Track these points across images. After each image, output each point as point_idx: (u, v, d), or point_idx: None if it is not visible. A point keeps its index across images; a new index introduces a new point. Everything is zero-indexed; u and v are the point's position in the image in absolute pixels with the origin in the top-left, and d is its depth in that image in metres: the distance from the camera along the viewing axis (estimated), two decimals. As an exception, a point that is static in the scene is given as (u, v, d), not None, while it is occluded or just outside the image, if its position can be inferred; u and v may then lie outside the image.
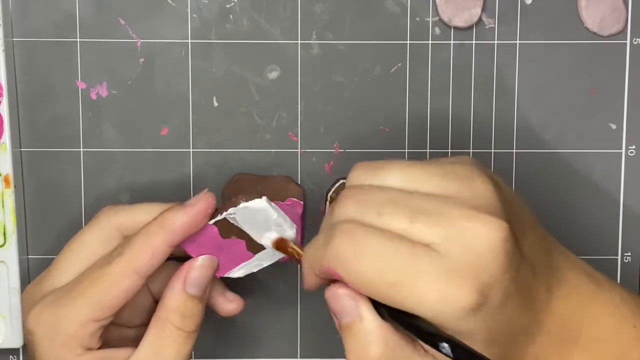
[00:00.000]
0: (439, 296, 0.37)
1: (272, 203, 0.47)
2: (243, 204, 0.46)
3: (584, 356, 0.43)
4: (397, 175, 0.40)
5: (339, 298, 0.39)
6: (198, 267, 0.47)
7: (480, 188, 0.40)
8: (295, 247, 0.46)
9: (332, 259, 0.39)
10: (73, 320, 0.45)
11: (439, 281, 0.37)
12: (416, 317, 0.38)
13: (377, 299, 0.38)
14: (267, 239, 0.47)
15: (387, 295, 0.38)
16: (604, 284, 0.45)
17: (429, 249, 0.38)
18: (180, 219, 0.45)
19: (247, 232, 0.47)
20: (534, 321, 0.41)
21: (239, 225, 0.47)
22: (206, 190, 0.46)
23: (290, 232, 0.47)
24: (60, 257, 0.49)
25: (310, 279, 0.42)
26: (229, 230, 0.47)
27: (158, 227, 0.45)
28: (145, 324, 0.50)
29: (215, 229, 0.46)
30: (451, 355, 0.36)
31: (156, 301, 0.49)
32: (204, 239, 0.46)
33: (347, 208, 0.40)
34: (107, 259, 0.46)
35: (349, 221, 0.39)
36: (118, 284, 0.45)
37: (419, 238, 0.38)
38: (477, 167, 0.41)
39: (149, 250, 0.45)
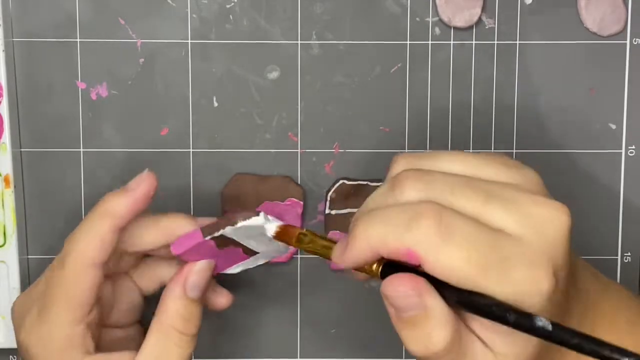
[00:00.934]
0: (524, 280, 0.36)
1: (269, 217, 0.45)
2: (241, 223, 0.45)
3: None
4: (453, 161, 0.39)
5: (403, 294, 0.37)
6: (197, 272, 0.46)
7: (532, 175, 0.40)
8: (311, 232, 0.42)
9: (418, 241, 0.36)
10: (58, 326, 0.45)
11: (523, 265, 0.36)
12: (488, 297, 0.36)
13: (457, 283, 0.37)
14: (268, 230, 0.44)
15: (472, 280, 0.36)
16: (609, 284, 0.45)
17: (505, 234, 0.37)
18: (124, 204, 0.45)
19: (245, 244, 0.46)
20: (567, 316, 0.41)
21: (236, 239, 0.46)
22: (147, 170, 0.46)
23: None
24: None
25: (365, 255, 0.38)
26: (225, 241, 0.46)
27: (102, 214, 0.45)
28: (136, 322, 0.50)
29: (212, 242, 0.46)
30: (550, 327, 0.35)
31: (144, 298, 0.49)
32: (201, 249, 0.46)
33: (411, 189, 0.38)
34: (60, 259, 0.45)
35: (430, 202, 0.37)
36: (79, 282, 0.45)
37: (493, 221, 0.37)
38: (516, 160, 0.41)
39: (97, 240, 0.44)
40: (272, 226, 0.44)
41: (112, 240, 0.45)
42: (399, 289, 0.37)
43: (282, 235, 0.44)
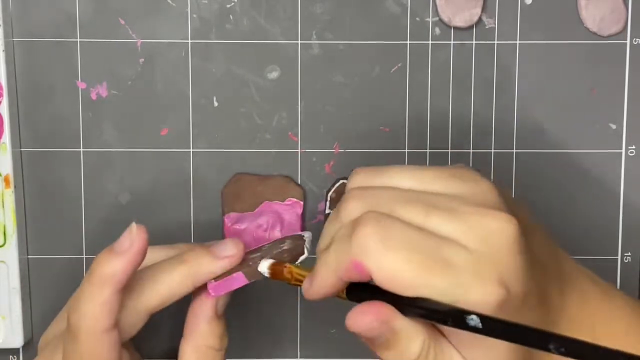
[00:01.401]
0: (472, 287, 0.36)
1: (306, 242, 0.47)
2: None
3: None
4: (402, 176, 0.40)
5: (367, 327, 0.38)
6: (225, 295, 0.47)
7: (485, 188, 0.39)
8: (294, 267, 0.44)
9: (359, 251, 0.37)
10: None
11: (469, 272, 0.36)
12: (433, 301, 0.37)
13: (403, 290, 0.37)
14: (262, 266, 0.46)
15: (417, 282, 0.36)
16: (607, 289, 0.45)
17: (449, 240, 0.37)
18: (121, 268, 0.43)
19: None
20: (549, 321, 0.41)
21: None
22: (134, 225, 0.43)
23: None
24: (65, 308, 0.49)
25: (328, 283, 0.39)
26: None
27: (101, 282, 0.43)
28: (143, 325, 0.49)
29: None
30: (480, 325, 0.36)
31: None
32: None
33: (354, 207, 0.39)
34: (71, 333, 0.44)
35: (369, 211, 0.38)
36: (99, 351, 0.44)
37: (437, 231, 0.37)
38: (478, 172, 0.41)
39: (104, 308, 0.43)
40: (265, 269, 0.46)
41: (116, 303, 0.44)
42: (362, 325, 0.38)
43: (274, 275, 0.45)
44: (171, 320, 0.52)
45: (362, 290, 0.39)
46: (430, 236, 0.37)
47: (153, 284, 0.45)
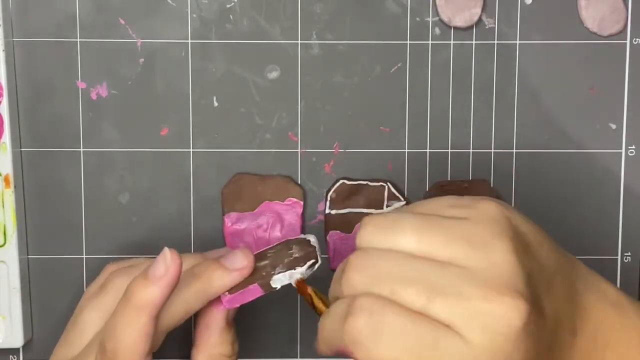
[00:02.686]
0: None
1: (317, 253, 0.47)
2: (303, 272, 0.46)
3: None
4: (410, 238, 0.38)
5: None
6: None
7: (499, 259, 0.37)
8: (315, 295, 0.44)
9: (350, 340, 0.36)
10: None
11: None
12: None
13: None
14: (290, 276, 0.46)
15: None
16: (626, 308, 0.43)
17: (449, 330, 0.36)
18: (159, 295, 0.43)
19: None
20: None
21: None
22: (168, 251, 0.44)
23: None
24: (71, 324, 0.49)
25: (324, 349, 0.39)
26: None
27: (139, 308, 0.43)
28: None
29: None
30: None
31: None
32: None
33: (357, 281, 0.38)
34: (112, 357, 0.44)
35: (365, 295, 0.37)
36: None
37: (438, 318, 0.36)
38: (497, 224, 0.38)
39: (142, 335, 0.44)
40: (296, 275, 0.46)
41: (153, 329, 0.44)
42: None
43: (299, 290, 0.46)
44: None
45: None
46: (426, 328, 0.36)
47: (170, 304, 0.45)
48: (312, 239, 0.48)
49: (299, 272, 0.46)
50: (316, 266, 0.46)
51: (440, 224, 0.38)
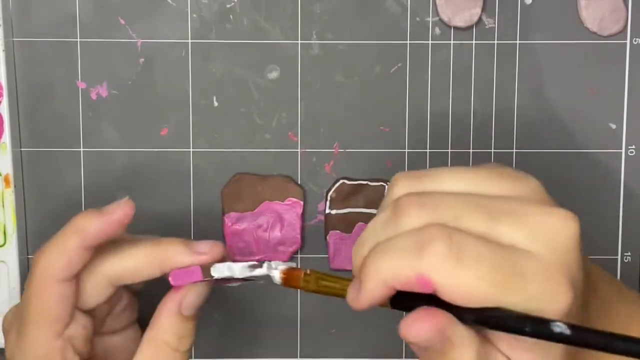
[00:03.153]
0: (542, 294, 0.35)
1: (272, 263, 0.44)
2: (244, 274, 0.44)
3: None
4: (454, 179, 0.38)
5: (425, 335, 0.36)
6: (196, 293, 0.45)
7: (534, 185, 0.38)
8: (320, 275, 0.42)
9: (430, 268, 0.35)
10: (35, 342, 0.44)
11: (539, 279, 0.35)
12: (504, 311, 0.35)
13: (475, 304, 0.36)
14: (275, 279, 0.43)
15: (490, 299, 0.35)
16: (621, 288, 0.45)
17: (517, 249, 0.36)
18: (95, 225, 0.44)
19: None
20: (585, 322, 0.40)
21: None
22: (127, 198, 0.45)
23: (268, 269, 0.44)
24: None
25: (378, 292, 0.37)
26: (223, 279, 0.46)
27: (72, 231, 0.44)
28: (132, 323, 0.49)
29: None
30: (568, 332, 0.35)
31: (135, 294, 0.49)
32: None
33: (415, 216, 0.37)
34: (30, 273, 0.45)
35: (437, 224, 0.36)
36: (46, 298, 0.44)
37: (502, 238, 0.36)
38: (518, 170, 0.39)
39: (63, 257, 0.44)
40: (277, 274, 0.43)
41: (78, 258, 0.44)
42: (418, 334, 0.36)
43: (288, 281, 0.43)
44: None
45: (411, 298, 0.37)
46: (499, 249, 0.36)
47: (120, 253, 0.45)
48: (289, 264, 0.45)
49: (238, 267, 0.44)
50: (258, 271, 0.44)
51: (472, 168, 0.39)
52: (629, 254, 0.55)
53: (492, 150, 0.54)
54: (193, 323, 0.46)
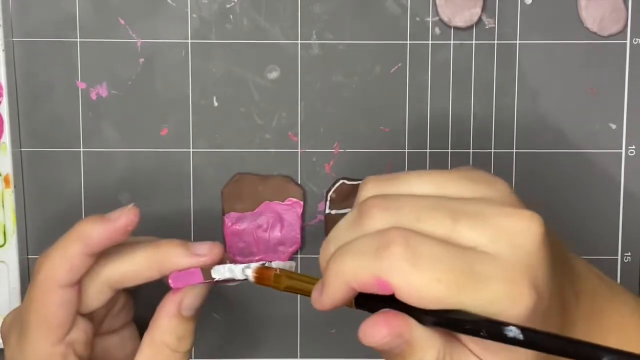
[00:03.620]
0: (501, 296, 0.35)
1: (251, 264, 0.44)
2: (240, 275, 0.44)
3: None
4: (419, 182, 0.39)
5: (382, 339, 0.36)
6: (195, 294, 0.45)
7: (500, 187, 0.39)
8: (287, 274, 0.42)
9: (387, 270, 0.36)
10: (36, 347, 0.44)
11: (499, 282, 0.35)
12: (461, 313, 0.36)
13: (431, 307, 0.36)
14: (246, 272, 0.44)
15: (447, 302, 0.36)
16: (614, 286, 0.45)
17: (477, 250, 0.36)
18: (99, 232, 0.44)
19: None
20: (569, 324, 0.40)
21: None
22: (132, 205, 0.45)
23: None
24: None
25: (340, 294, 0.38)
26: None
27: (75, 237, 0.44)
28: (129, 323, 0.49)
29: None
30: (521, 336, 0.35)
31: (132, 293, 0.49)
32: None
33: (379, 218, 0.37)
34: (32, 278, 0.45)
35: (396, 228, 0.36)
36: (48, 304, 0.44)
37: (463, 241, 0.36)
38: (487, 172, 0.40)
39: (66, 263, 0.44)
40: (249, 272, 0.43)
41: (81, 265, 0.44)
42: (375, 338, 0.37)
43: (260, 279, 0.43)
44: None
45: (373, 299, 0.37)
46: (458, 251, 0.36)
47: (120, 257, 0.45)
48: (285, 264, 0.45)
49: (239, 268, 0.44)
50: (253, 267, 0.44)
51: (439, 171, 0.39)
52: (629, 254, 0.55)
53: (492, 150, 0.54)
54: (192, 324, 0.46)
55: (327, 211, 0.54)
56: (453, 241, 0.36)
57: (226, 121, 0.54)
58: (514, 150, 0.54)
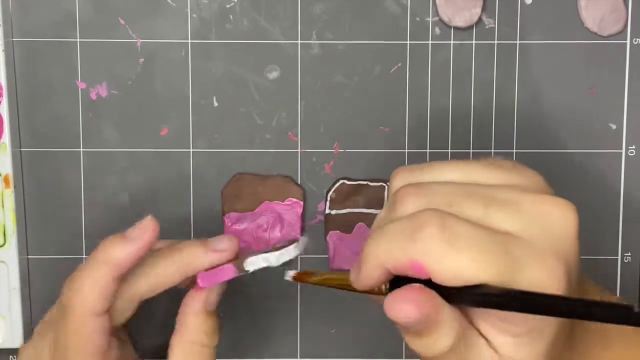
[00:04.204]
0: (537, 278, 0.35)
1: (298, 244, 0.45)
2: (281, 258, 0.45)
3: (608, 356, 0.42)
4: (450, 171, 0.38)
5: (409, 316, 0.36)
6: (217, 289, 0.46)
7: (533, 175, 0.39)
8: (324, 275, 0.43)
9: (423, 251, 0.35)
10: None
11: (534, 266, 0.35)
12: (486, 287, 0.35)
13: (465, 284, 0.35)
14: (265, 260, 0.45)
15: (481, 280, 0.35)
16: (600, 290, 0.45)
17: (511, 236, 0.36)
18: (126, 253, 0.44)
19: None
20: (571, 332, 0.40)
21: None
22: (149, 217, 0.44)
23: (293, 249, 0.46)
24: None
25: (375, 275, 0.37)
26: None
27: (102, 262, 0.43)
28: (133, 313, 0.49)
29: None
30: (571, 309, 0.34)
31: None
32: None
33: (411, 204, 0.37)
34: (62, 308, 0.44)
35: (430, 210, 0.36)
36: (84, 332, 0.44)
37: (497, 225, 0.36)
38: (518, 162, 0.40)
39: (98, 290, 0.43)
40: (289, 275, 0.44)
41: (112, 289, 0.44)
42: (402, 314, 0.36)
43: (298, 278, 0.44)
44: (164, 313, 0.52)
45: (409, 281, 0.37)
46: (493, 234, 0.36)
47: (145, 270, 0.45)
48: (303, 238, 0.47)
49: (273, 255, 0.45)
50: (291, 253, 0.45)
51: (471, 160, 0.39)
52: (629, 254, 0.55)
53: (492, 150, 0.54)
54: (216, 317, 0.47)
55: (327, 211, 0.54)
56: (486, 225, 0.36)
57: (226, 121, 0.54)
58: (514, 151, 0.54)
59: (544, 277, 0.35)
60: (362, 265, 0.38)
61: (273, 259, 0.45)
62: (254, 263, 0.45)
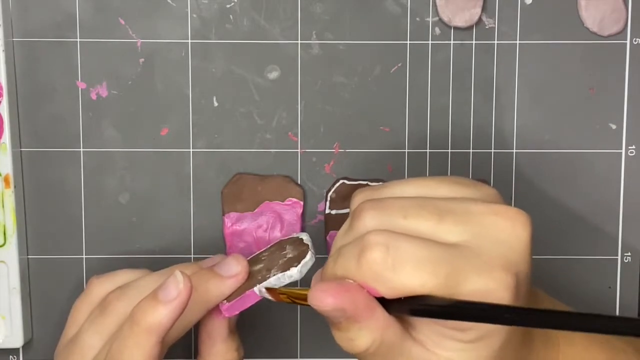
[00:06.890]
0: (481, 291, 0.36)
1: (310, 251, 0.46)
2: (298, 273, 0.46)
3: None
4: (406, 187, 0.40)
5: (325, 307, 0.38)
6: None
7: (488, 191, 0.39)
8: (289, 292, 0.44)
9: (369, 275, 0.37)
10: None
11: (480, 277, 0.36)
12: (430, 298, 0.36)
13: (409, 294, 0.37)
14: (289, 278, 0.45)
15: (424, 291, 0.36)
16: (558, 303, 0.45)
17: (462, 247, 0.37)
18: (167, 318, 0.43)
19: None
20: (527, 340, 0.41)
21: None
22: (179, 274, 0.43)
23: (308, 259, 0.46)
24: (71, 347, 0.48)
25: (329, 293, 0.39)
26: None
27: (146, 330, 0.42)
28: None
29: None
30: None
31: None
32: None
33: (368, 218, 0.39)
34: None
35: (376, 231, 0.37)
36: None
37: (448, 238, 0.37)
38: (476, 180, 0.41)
39: (147, 357, 0.43)
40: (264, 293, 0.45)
41: (160, 353, 0.43)
42: (319, 303, 0.38)
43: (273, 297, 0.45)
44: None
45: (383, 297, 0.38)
46: (441, 248, 0.37)
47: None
48: (305, 237, 0.48)
49: (293, 273, 0.45)
50: (310, 263, 0.46)
51: (422, 177, 0.41)
52: (629, 254, 0.55)
53: (492, 150, 0.54)
54: (237, 330, 0.48)
55: (327, 211, 0.54)
56: (437, 237, 0.37)
57: (226, 121, 0.54)
58: (514, 150, 0.54)
59: (490, 286, 0.36)
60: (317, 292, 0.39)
61: (296, 274, 0.45)
62: (277, 284, 0.45)
